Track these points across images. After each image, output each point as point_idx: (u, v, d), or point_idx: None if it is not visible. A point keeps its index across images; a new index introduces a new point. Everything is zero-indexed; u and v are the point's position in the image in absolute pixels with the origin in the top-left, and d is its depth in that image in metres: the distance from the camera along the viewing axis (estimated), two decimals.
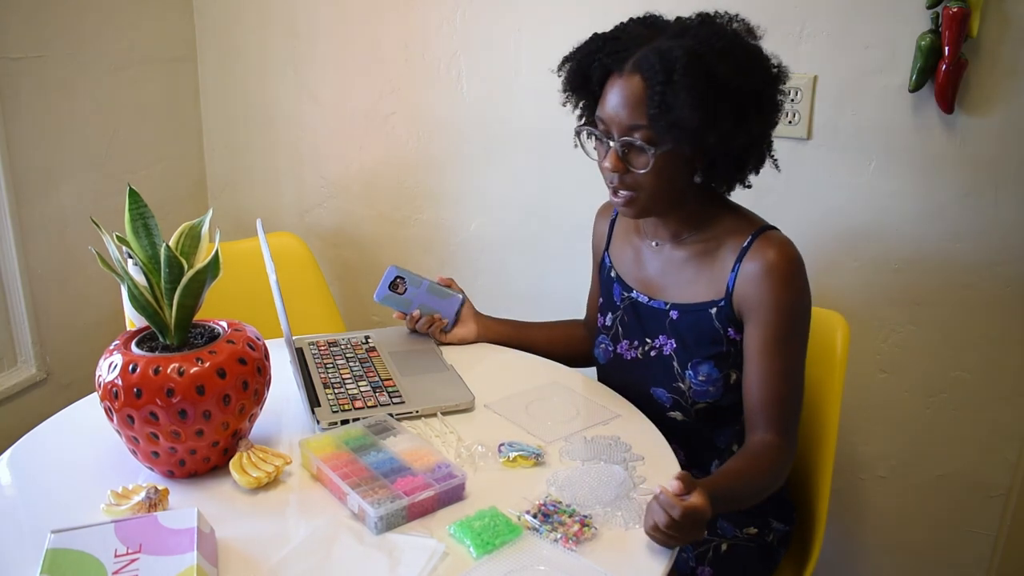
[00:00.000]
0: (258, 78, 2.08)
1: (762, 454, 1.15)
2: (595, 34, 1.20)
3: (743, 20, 1.17)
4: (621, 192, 1.18)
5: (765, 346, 1.16)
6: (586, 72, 1.18)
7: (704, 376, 1.21)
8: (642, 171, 1.14)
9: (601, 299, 1.39)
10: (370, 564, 0.90)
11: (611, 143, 1.15)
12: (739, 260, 1.18)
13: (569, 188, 1.82)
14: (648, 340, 1.28)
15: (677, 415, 1.26)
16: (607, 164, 1.16)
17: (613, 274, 1.36)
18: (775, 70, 1.15)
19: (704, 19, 1.17)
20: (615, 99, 1.13)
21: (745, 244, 1.18)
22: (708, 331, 1.21)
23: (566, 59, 1.23)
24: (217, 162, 2.20)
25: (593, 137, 1.20)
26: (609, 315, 1.35)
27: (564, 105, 1.27)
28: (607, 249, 1.40)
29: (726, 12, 1.17)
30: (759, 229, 1.20)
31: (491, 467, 1.09)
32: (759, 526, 1.28)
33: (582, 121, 1.25)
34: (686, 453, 1.28)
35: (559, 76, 1.24)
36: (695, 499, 0.92)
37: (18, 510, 1.01)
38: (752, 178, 1.25)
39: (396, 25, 1.89)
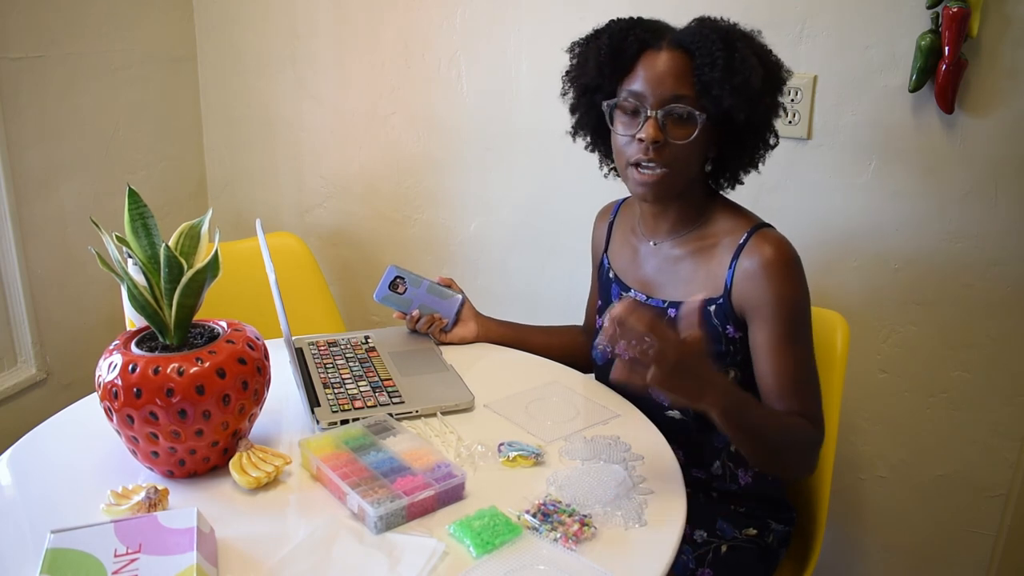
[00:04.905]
0: (258, 78, 2.08)
1: (794, 420, 1.14)
2: (614, 19, 1.22)
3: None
4: (651, 168, 1.17)
5: (773, 344, 1.16)
6: (619, 46, 1.18)
7: None
8: (682, 141, 1.15)
9: (600, 301, 1.39)
10: (370, 564, 0.90)
11: (650, 113, 1.15)
12: (735, 257, 1.19)
13: (569, 188, 1.82)
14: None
15: (675, 413, 1.26)
16: (645, 134, 1.15)
17: (611, 275, 1.36)
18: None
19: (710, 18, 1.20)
20: (656, 71, 1.15)
21: (741, 241, 1.19)
22: (706, 329, 1.21)
23: (592, 37, 1.23)
24: (217, 162, 2.20)
25: (623, 112, 1.19)
26: (607, 316, 1.35)
27: (566, 90, 1.27)
28: (606, 251, 1.40)
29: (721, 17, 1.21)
30: (755, 227, 1.20)
31: (491, 467, 1.09)
32: (759, 527, 1.28)
33: (576, 119, 1.26)
34: (685, 452, 1.27)
35: (575, 55, 1.25)
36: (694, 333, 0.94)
37: (18, 510, 1.01)
38: (753, 178, 1.25)
39: (396, 25, 1.89)
